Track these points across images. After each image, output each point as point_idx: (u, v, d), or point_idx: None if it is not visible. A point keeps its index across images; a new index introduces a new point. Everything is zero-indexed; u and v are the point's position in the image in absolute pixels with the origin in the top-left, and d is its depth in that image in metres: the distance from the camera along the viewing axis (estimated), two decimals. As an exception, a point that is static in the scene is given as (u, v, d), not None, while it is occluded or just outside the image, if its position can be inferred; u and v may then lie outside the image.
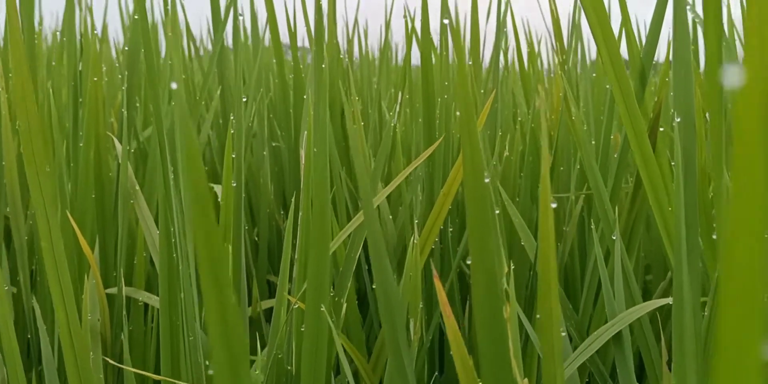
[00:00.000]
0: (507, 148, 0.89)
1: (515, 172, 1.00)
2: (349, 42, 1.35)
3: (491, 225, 0.37)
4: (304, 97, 1.00)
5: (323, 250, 0.50)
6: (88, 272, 0.72)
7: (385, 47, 1.73)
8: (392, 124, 0.74)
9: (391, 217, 1.04)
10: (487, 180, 0.37)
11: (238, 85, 0.63)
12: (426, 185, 0.90)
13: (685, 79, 0.40)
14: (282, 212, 1.17)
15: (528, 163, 1.00)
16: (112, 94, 1.22)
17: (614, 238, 0.66)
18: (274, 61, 1.21)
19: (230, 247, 0.51)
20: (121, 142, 0.86)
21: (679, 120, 0.40)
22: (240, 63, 1.27)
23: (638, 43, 0.75)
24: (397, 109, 1.30)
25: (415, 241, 0.60)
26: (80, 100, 0.82)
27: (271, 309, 1.07)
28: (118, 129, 0.89)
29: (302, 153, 0.76)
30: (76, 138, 0.77)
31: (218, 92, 1.07)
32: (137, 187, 0.73)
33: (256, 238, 1.12)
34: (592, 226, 0.69)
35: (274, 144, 1.33)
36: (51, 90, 0.72)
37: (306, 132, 0.66)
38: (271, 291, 1.12)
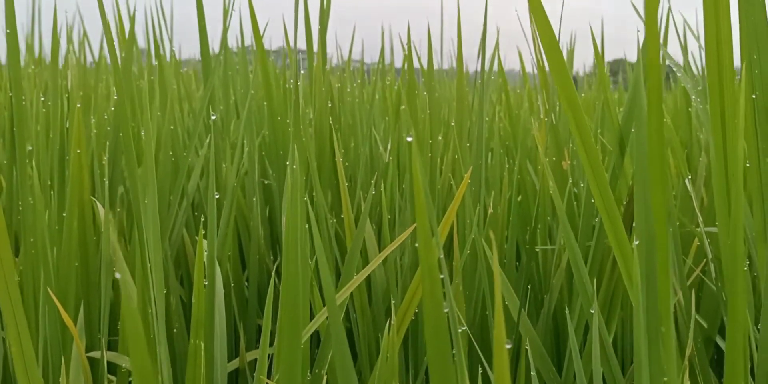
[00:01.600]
0: (491, 204, 0.89)
1: (503, 220, 1.00)
2: (342, 84, 1.35)
3: (450, 353, 0.37)
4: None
5: (295, 347, 0.50)
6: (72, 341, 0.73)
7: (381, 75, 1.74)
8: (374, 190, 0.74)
9: (381, 261, 1.04)
10: (446, 310, 0.37)
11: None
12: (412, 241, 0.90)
13: (644, 197, 0.40)
14: (272, 256, 1.17)
15: (516, 204, 1.00)
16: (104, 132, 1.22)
17: (592, 311, 0.66)
18: (265, 103, 1.21)
19: (203, 344, 0.51)
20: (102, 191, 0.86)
21: (638, 242, 0.40)
22: (230, 105, 1.27)
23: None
24: (389, 146, 1.29)
25: (391, 322, 0.60)
26: (67, 157, 0.83)
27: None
28: (100, 191, 0.90)
29: (284, 220, 0.76)
30: (62, 202, 0.78)
31: (207, 140, 1.08)
32: (120, 255, 0.74)
33: (246, 283, 1.13)
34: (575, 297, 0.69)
35: (266, 182, 1.33)
36: (35, 163, 0.72)
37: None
38: (260, 336, 1.12)
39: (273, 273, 0.67)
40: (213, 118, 0.83)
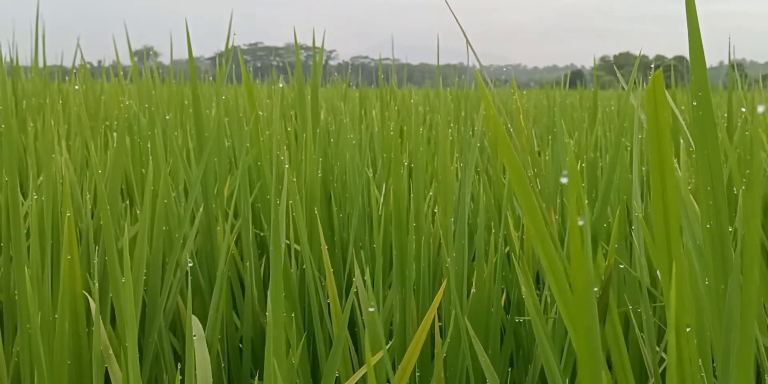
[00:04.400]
0: (474, 284, 0.92)
1: (490, 284, 1.02)
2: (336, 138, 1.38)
3: None
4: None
5: None
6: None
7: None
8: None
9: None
10: None
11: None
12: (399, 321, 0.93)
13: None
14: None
15: (503, 264, 1.02)
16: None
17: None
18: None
19: None
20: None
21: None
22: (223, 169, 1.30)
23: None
24: (381, 200, 1.32)
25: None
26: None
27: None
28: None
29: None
30: (56, 297, 0.80)
31: (201, 210, 1.11)
32: (111, 351, 0.77)
33: (240, 345, 1.15)
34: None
35: (262, 234, 1.36)
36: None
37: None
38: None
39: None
40: (189, 264, 0.85)
